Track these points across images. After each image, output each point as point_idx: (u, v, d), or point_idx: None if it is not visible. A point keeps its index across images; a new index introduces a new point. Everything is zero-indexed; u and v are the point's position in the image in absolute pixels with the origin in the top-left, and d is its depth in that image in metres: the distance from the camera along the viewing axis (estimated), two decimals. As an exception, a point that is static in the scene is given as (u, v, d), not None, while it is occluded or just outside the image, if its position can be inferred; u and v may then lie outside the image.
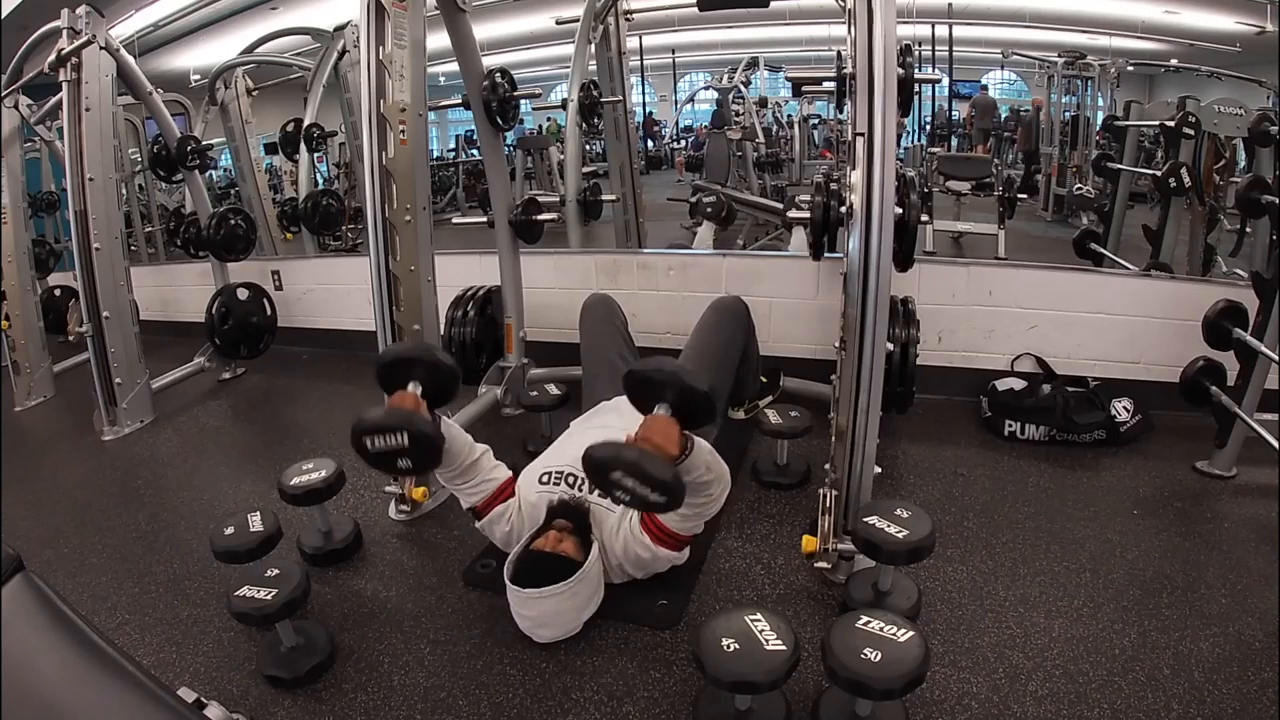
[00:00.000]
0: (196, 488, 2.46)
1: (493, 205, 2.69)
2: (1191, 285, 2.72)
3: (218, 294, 3.39)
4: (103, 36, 2.70)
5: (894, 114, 1.47)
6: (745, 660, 1.22)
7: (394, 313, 2.01)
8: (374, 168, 1.91)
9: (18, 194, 3.26)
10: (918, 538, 1.50)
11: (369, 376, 1.66)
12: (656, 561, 1.67)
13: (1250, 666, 1.44)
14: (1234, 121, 2.94)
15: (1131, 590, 1.69)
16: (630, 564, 1.67)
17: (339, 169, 4.65)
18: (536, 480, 1.80)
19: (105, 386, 2.89)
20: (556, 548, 1.57)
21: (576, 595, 1.53)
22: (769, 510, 2.08)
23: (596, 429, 1.98)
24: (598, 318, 2.42)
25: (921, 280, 2.66)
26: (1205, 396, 2.20)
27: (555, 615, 1.54)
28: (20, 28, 2.99)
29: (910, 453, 2.40)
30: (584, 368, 2.37)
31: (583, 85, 3.42)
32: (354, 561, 1.93)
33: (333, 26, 3.98)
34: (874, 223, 1.49)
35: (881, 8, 1.47)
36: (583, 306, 2.48)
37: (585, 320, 2.44)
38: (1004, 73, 4.98)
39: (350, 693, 1.48)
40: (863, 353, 1.56)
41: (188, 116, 4.55)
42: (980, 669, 1.46)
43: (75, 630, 0.67)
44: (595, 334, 2.38)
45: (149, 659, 1.60)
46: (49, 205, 4.79)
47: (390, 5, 1.86)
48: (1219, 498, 2.08)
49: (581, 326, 2.44)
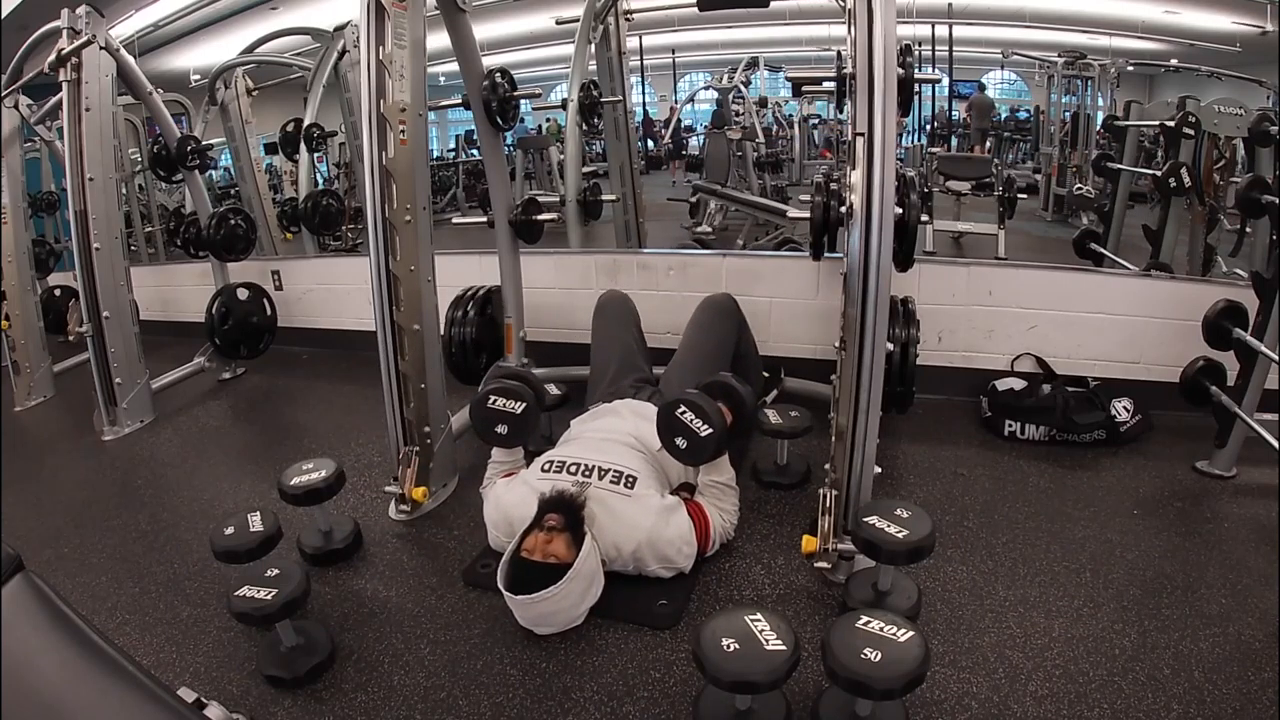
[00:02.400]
0: (196, 488, 2.46)
1: (493, 205, 2.69)
2: (1191, 285, 2.72)
3: (218, 294, 3.39)
4: (103, 36, 2.70)
5: (894, 114, 1.48)
6: (745, 660, 1.22)
7: (394, 313, 2.00)
8: (374, 168, 1.91)
9: (18, 194, 3.26)
10: (918, 538, 1.50)
11: (369, 376, 1.67)
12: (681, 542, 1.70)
13: (1250, 666, 1.44)
14: (1234, 121, 2.94)
15: (1131, 590, 1.69)
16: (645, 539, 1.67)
17: (339, 169, 4.65)
18: (539, 469, 1.82)
19: (105, 386, 2.89)
20: (545, 551, 1.56)
21: (570, 594, 1.54)
22: (769, 510, 2.08)
23: (597, 430, 1.99)
24: (611, 317, 2.42)
25: (921, 280, 2.66)
26: (1205, 396, 2.20)
27: (552, 615, 1.56)
28: (20, 28, 2.98)
29: (910, 453, 2.40)
30: (592, 365, 2.37)
31: (583, 85, 3.41)
32: (354, 561, 1.93)
33: (333, 26, 3.98)
34: (874, 223, 1.49)
35: (881, 8, 1.47)
36: (598, 303, 2.47)
37: (599, 317, 2.44)
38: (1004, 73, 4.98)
39: (350, 693, 1.48)
40: (863, 353, 1.56)
41: (188, 116, 4.56)
42: (980, 669, 1.46)
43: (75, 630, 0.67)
44: (608, 335, 2.38)
45: (149, 659, 1.60)
46: (49, 205, 4.80)
47: (390, 5, 1.85)
48: (1219, 498, 2.08)
49: (595, 322, 2.43)
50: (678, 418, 1.75)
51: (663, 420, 1.77)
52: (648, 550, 1.68)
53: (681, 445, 1.76)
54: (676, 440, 1.76)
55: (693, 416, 1.73)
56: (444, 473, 2.23)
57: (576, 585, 1.54)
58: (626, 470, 1.76)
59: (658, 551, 1.69)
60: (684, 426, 1.74)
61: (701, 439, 1.73)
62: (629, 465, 1.78)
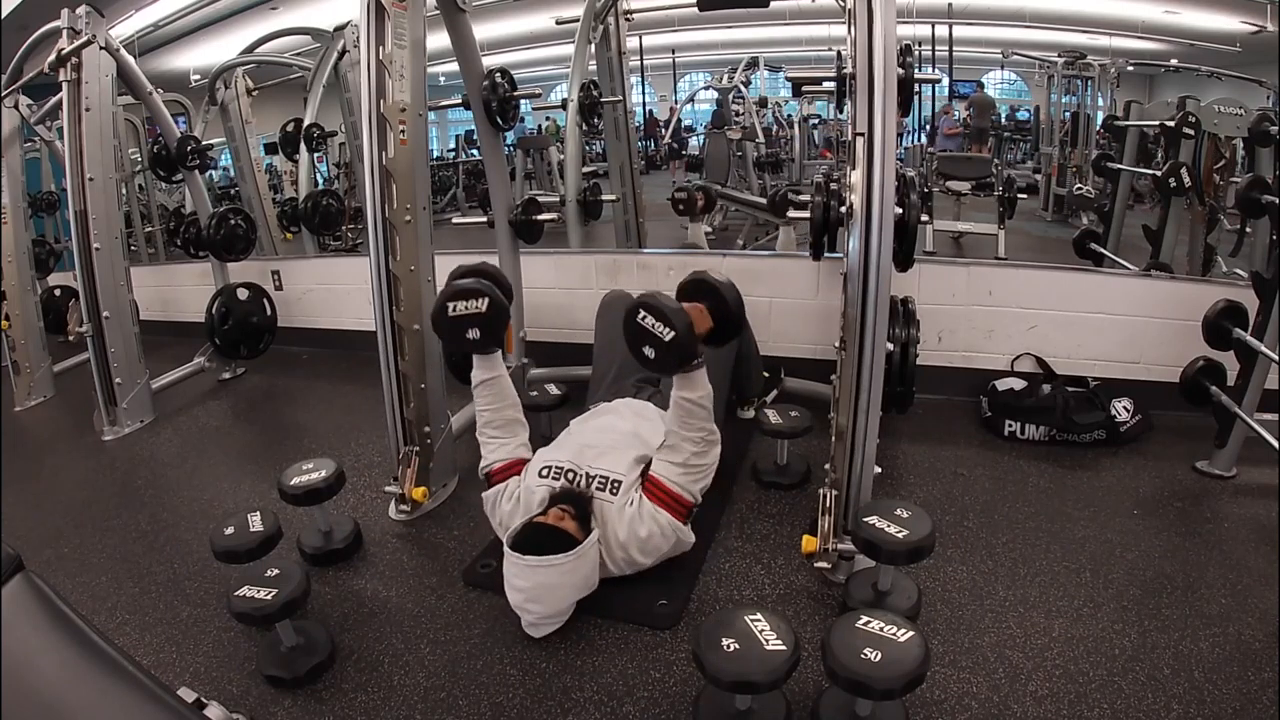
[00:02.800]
0: (196, 488, 2.46)
1: (493, 205, 2.69)
2: (1191, 285, 2.72)
3: (218, 294, 3.39)
4: (103, 36, 2.70)
5: (894, 114, 1.48)
6: (745, 660, 1.22)
7: (394, 313, 2.01)
8: (374, 168, 1.91)
9: (18, 194, 3.26)
10: (918, 538, 1.51)
11: (369, 376, 1.67)
12: (662, 536, 1.68)
13: (1250, 666, 1.44)
14: (1234, 121, 2.94)
15: (1131, 590, 1.69)
16: (635, 547, 1.68)
17: (339, 169, 4.65)
18: (536, 473, 1.81)
19: (105, 386, 2.89)
20: (559, 523, 1.60)
21: (574, 572, 1.55)
22: (769, 510, 2.08)
23: (597, 430, 1.99)
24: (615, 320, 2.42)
25: (921, 280, 2.66)
26: (1205, 396, 2.20)
27: (550, 590, 1.55)
28: (20, 28, 2.99)
29: (910, 453, 2.40)
30: (594, 364, 2.37)
31: (583, 85, 3.41)
32: (354, 561, 1.93)
33: (333, 26, 3.98)
34: (874, 223, 1.49)
35: (881, 8, 1.47)
36: (602, 302, 2.47)
37: (603, 318, 2.43)
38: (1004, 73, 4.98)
39: (350, 693, 1.48)
40: (863, 353, 1.56)
41: (188, 116, 4.56)
42: (980, 669, 1.46)
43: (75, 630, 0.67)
44: (612, 335, 2.38)
45: (149, 659, 1.60)
46: (49, 205, 4.80)
47: (390, 5, 1.86)
48: (1219, 498, 2.07)
49: (598, 322, 2.43)
50: (639, 323, 1.56)
51: (627, 327, 1.58)
52: (635, 550, 1.69)
53: (650, 355, 1.57)
54: (644, 350, 1.58)
55: (654, 321, 1.54)
56: (444, 473, 2.23)
57: (582, 565, 1.56)
58: (613, 475, 1.76)
59: (645, 549, 1.69)
60: (647, 333, 1.55)
61: (666, 344, 1.53)
62: (618, 470, 1.77)
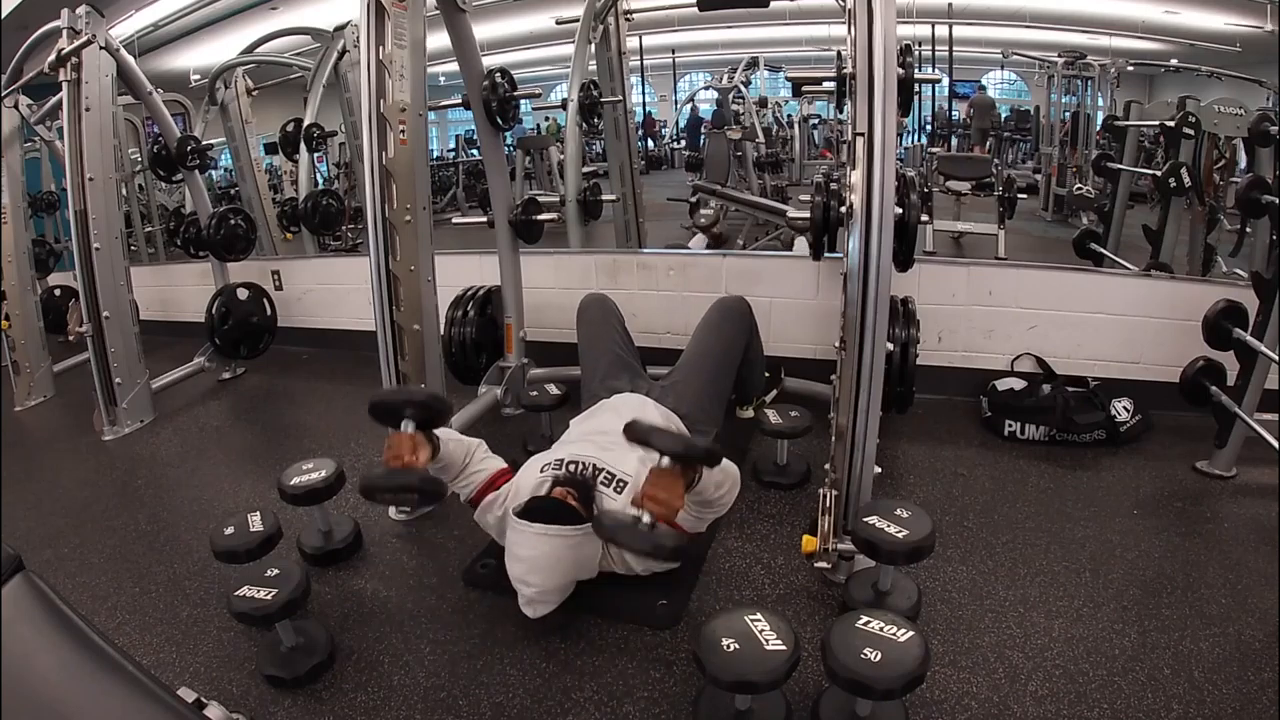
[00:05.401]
0: (196, 488, 2.46)
1: (493, 205, 2.69)
2: (1191, 285, 2.71)
3: (218, 294, 3.39)
4: (103, 36, 2.70)
5: (894, 114, 1.47)
6: (745, 660, 1.22)
7: (394, 313, 2.00)
8: (374, 168, 1.91)
9: (18, 194, 3.26)
10: (918, 538, 1.50)
11: (369, 376, 1.67)
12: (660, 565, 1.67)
13: (1250, 666, 1.44)
14: (1234, 121, 2.94)
15: (1131, 590, 1.69)
16: (633, 555, 1.66)
17: (339, 169, 4.65)
18: (538, 470, 1.81)
19: (105, 386, 2.89)
20: (566, 499, 1.61)
21: (578, 548, 1.55)
22: (769, 510, 2.08)
23: (596, 428, 1.99)
24: (593, 319, 2.42)
25: (921, 280, 2.66)
26: (1205, 396, 2.20)
27: (553, 562, 1.54)
28: (20, 28, 2.99)
29: (910, 453, 2.40)
30: (582, 367, 2.38)
31: (583, 85, 3.42)
32: (354, 561, 1.93)
33: (333, 26, 3.98)
34: (874, 223, 1.49)
35: (881, 8, 1.47)
36: (579, 307, 2.48)
37: (582, 321, 2.44)
38: (1004, 73, 4.98)
39: (350, 693, 1.48)
40: (863, 353, 1.56)
41: (188, 116, 4.56)
42: (980, 669, 1.46)
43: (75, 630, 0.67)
44: (593, 334, 2.39)
45: (149, 659, 1.60)
46: (49, 205, 4.79)
47: (390, 5, 1.86)
48: (1219, 498, 2.07)
49: (579, 327, 2.44)
50: None
51: None
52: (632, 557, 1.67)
53: None
54: None
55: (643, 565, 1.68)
56: (444, 473, 2.23)
57: (587, 543, 1.55)
58: (619, 474, 1.76)
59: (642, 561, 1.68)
60: None
61: None
62: (623, 468, 1.76)
